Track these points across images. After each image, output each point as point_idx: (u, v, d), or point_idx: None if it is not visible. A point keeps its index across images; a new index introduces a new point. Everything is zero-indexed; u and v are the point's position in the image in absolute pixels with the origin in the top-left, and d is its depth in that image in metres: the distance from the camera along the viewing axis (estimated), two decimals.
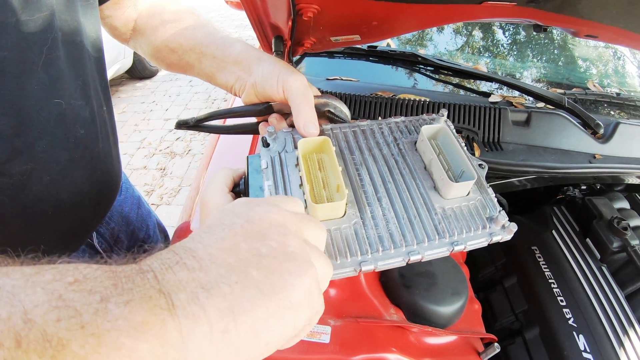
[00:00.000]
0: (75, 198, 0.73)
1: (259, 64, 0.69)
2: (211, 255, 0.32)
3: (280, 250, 0.34)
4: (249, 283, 0.31)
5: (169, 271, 0.30)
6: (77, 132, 0.70)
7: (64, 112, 0.66)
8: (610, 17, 0.78)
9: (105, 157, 0.80)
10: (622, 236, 1.06)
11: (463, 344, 0.90)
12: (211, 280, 0.30)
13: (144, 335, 0.26)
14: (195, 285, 0.30)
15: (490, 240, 0.54)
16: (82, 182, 0.73)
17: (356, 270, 0.49)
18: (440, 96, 1.32)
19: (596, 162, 1.18)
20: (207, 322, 0.28)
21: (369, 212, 0.54)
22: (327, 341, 0.76)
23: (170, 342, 0.27)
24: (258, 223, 0.36)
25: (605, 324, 0.96)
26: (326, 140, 0.58)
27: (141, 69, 5.24)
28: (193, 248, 0.33)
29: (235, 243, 0.34)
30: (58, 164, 0.67)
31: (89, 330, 0.24)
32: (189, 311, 0.28)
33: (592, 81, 1.60)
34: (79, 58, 0.70)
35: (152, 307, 0.27)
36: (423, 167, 0.61)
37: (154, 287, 0.28)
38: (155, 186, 3.39)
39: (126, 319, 0.25)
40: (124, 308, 0.26)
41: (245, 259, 0.33)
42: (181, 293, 0.29)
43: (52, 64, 0.62)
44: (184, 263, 0.31)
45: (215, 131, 0.79)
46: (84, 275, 0.27)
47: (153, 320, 0.26)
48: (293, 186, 0.55)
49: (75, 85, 0.69)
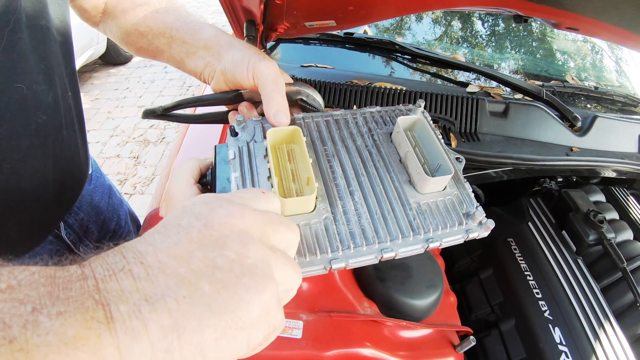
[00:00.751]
0: (38, 187, 0.69)
1: (229, 50, 0.66)
2: (160, 263, 0.29)
3: (238, 262, 0.31)
4: (199, 299, 0.28)
5: (112, 278, 0.27)
6: (39, 118, 0.66)
7: (25, 97, 0.62)
8: (592, 9, 0.77)
9: (69, 144, 0.77)
10: (598, 229, 1.07)
11: (438, 337, 0.89)
12: (157, 293, 0.27)
13: (75, 351, 0.23)
14: (139, 296, 0.27)
15: (466, 237, 0.52)
16: (44, 170, 0.70)
17: (326, 268, 0.46)
18: (417, 85, 1.30)
19: (573, 154, 1.19)
20: (147, 340, 0.26)
21: (341, 207, 0.52)
22: (299, 336, 0.74)
23: (106, 358, 0.24)
24: (217, 229, 0.33)
25: (580, 316, 0.96)
26: (297, 130, 0.55)
27: (115, 55, 5.09)
28: (143, 252, 0.30)
29: (189, 251, 0.31)
30: (18, 152, 0.64)
31: (17, 345, 0.22)
32: (129, 326, 0.25)
33: (570, 74, 1.60)
34: (44, 41, 0.67)
35: (88, 320, 0.24)
36: (398, 159, 0.58)
37: (93, 296, 0.26)
38: (129, 175, 3.31)
39: (57, 333, 0.23)
40: (56, 320, 0.23)
41: (198, 270, 0.30)
42: (122, 305, 0.26)
43: (13, 47, 0.59)
44: (129, 270, 0.28)
45: (183, 120, 0.76)
46: (18, 281, 0.25)
47: (87, 335, 0.24)
48: (261, 178, 0.52)
49: (38, 70, 0.65)
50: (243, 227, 0.34)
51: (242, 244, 0.32)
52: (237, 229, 0.33)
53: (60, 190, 0.77)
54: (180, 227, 0.33)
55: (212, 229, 0.33)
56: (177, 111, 0.71)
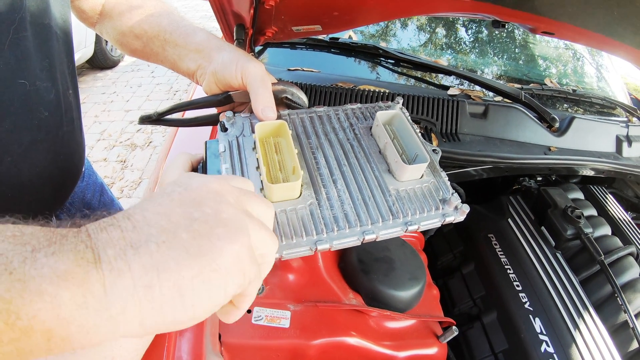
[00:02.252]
0: (37, 181, 0.71)
1: (219, 52, 0.70)
2: (145, 218, 0.33)
3: (213, 216, 0.35)
4: (177, 244, 0.32)
5: (103, 231, 0.31)
6: (41, 114, 0.68)
7: (29, 93, 0.65)
8: (566, 14, 0.81)
9: (69, 141, 0.79)
10: (576, 224, 1.11)
11: (422, 328, 0.92)
12: (141, 239, 0.31)
13: (65, 282, 0.27)
14: (125, 243, 0.31)
15: (443, 221, 0.56)
16: (44, 165, 0.72)
17: (312, 249, 0.49)
18: (400, 88, 1.34)
19: (551, 153, 1.23)
20: (130, 277, 0.30)
21: (325, 194, 0.55)
22: (287, 326, 0.77)
23: (92, 292, 0.28)
24: (196, 190, 0.37)
25: (560, 307, 1.00)
26: (283, 124, 0.58)
27: (102, 59, 5.05)
28: (131, 212, 0.34)
29: (171, 208, 0.35)
30: (20, 146, 0.66)
31: (16, 276, 0.26)
32: (114, 266, 0.29)
33: (549, 78, 1.65)
34: (47, 39, 0.69)
35: (79, 259, 0.28)
36: (378, 151, 0.62)
37: (84, 242, 0.30)
38: (116, 179, 3.29)
39: (51, 267, 0.27)
40: (51, 258, 0.27)
41: (177, 222, 0.34)
42: (109, 249, 0.30)
43: (18, 44, 0.61)
44: (118, 225, 0.32)
45: (177, 124, 0.80)
46: (22, 232, 0.29)
47: (77, 271, 0.28)
48: (250, 169, 0.56)
49: (41, 67, 0.67)
50: (219, 189, 0.38)
51: (217, 202, 0.36)
52: (213, 190, 0.37)
53: (58, 185, 0.79)
54: (164, 192, 0.37)
55: (191, 190, 0.37)
56: (170, 115, 0.74)
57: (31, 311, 0.26)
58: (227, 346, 0.72)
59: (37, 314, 0.26)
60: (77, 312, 0.27)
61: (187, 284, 0.31)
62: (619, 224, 1.25)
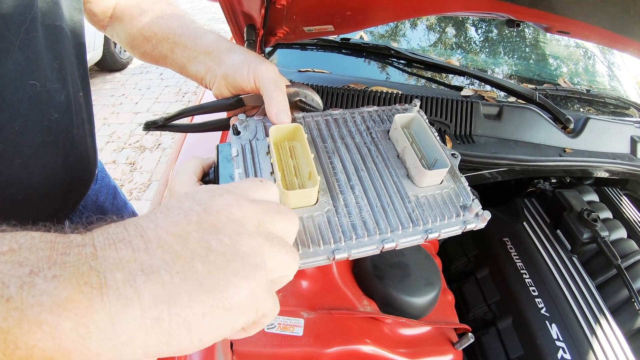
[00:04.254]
0: (47, 184, 0.71)
1: (230, 55, 0.68)
2: (160, 239, 0.31)
3: (231, 248, 0.33)
4: (191, 276, 0.30)
5: (112, 247, 0.29)
6: (51, 116, 0.68)
7: (39, 94, 0.64)
8: (583, 13, 0.79)
9: (79, 143, 0.78)
10: (592, 227, 1.09)
11: (437, 335, 0.90)
12: (153, 265, 0.29)
13: (67, 312, 0.25)
14: (136, 266, 0.29)
15: (464, 228, 0.54)
16: (54, 167, 0.71)
17: (329, 258, 0.48)
18: (412, 89, 1.32)
19: (566, 155, 1.21)
20: (139, 307, 0.27)
21: (342, 200, 0.53)
22: (300, 334, 0.75)
23: (96, 321, 0.26)
24: (215, 215, 0.34)
25: (577, 312, 0.97)
26: (298, 128, 0.56)
27: (111, 62, 5.07)
28: (144, 227, 0.32)
29: (188, 231, 0.32)
30: (30, 148, 0.65)
31: (13, 304, 0.24)
32: (122, 293, 0.27)
33: (562, 78, 1.63)
34: (58, 40, 0.68)
35: (81, 285, 0.26)
36: (396, 155, 0.60)
37: (89, 262, 0.27)
38: (125, 181, 3.30)
39: (51, 294, 0.25)
40: (51, 283, 0.25)
41: (193, 250, 0.31)
42: (118, 272, 0.28)
43: (29, 45, 0.60)
44: (129, 241, 0.30)
45: (185, 130, 0.77)
46: (19, 245, 0.27)
47: (79, 299, 0.25)
48: (264, 174, 0.54)
49: (52, 68, 0.67)
50: (240, 216, 0.35)
51: (236, 233, 0.34)
52: (234, 218, 0.35)
53: (69, 188, 0.78)
54: (181, 209, 0.34)
55: (210, 214, 0.34)
56: (178, 121, 0.72)
57: (30, 341, 0.24)
58: (239, 355, 0.70)
59: (36, 343, 0.24)
60: (79, 342, 0.25)
61: (197, 321, 0.29)
62: (635, 227, 1.23)
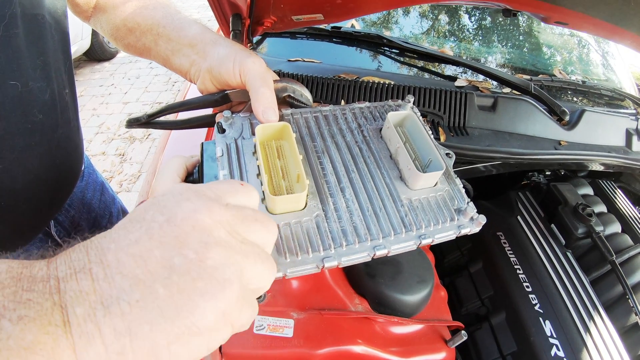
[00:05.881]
0: (31, 187, 0.68)
1: (215, 47, 0.65)
2: (119, 263, 0.29)
3: (197, 263, 0.30)
4: (152, 303, 0.28)
5: (73, 278, 0.28)
6: (35, 117, 0.65)
7: (20, 94, 0.61)
8: (583, 5, 0.78)
9: (65, 143, 0.75)
10: (587, 222, 1.08)
11: (430, 332, 0.89)
12: (112, 295, 0.28)
13: (34, 355, 0.25)
14: (95, 299, 0.27)
15: (458, 233, 0.52)
16: (38, 170, 0.69)
17: (319, 267, 0.45)
18: (405, 79, 1.29)
19: (562, 148, 1.19)
20: (102, 343, 0.27)
21: (332, 204, 0.51)
22: (290, 335, 0.73)
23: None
24: (179, 224, 0.32)
25: (571, 309, 0.97)
26: (286, 127, 0.54)
27: (100, 51, 4.99)
28: (105, 249, 0.30)
29: (149, 249, 0.30)
30: (12, 152, 0.62)
31: None
32: (84, 329, 0.26)
33: (558, 68, 1.61)
34: (40, 36, 0.65)
35: (45, 325, 0.26)
36: (389, 155, 0.58)
37: (53, 298, 0.27)
38: (115, 172, 3.26)
39: (17, 337, 0.25)
40: (17, 325, 0.25)
41: (154, 272, 0.29)
42: (79, 307, 0.27)
43: (9, 42, 0.57)
44: (89, 269, 0.29)
45: (168, 127, 0.74)
46: None
47: (45, 340, 0.25)
48: (250, 175, 0.52)
49: (34, 66, 0.63)
50: (208, 223, 0.32)
51: (203, 243, 0.31)
52: (200, 226, 0.32)
53: (54, 189, 0.76)
54: (144, 221, 0.32)
55: (174, 224, 0.32)
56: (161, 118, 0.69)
57: None
58: (228, 357, 0.68)
59: None
60: None
61: (163, 351, 0.28)
62: (629, 221, 1.22)
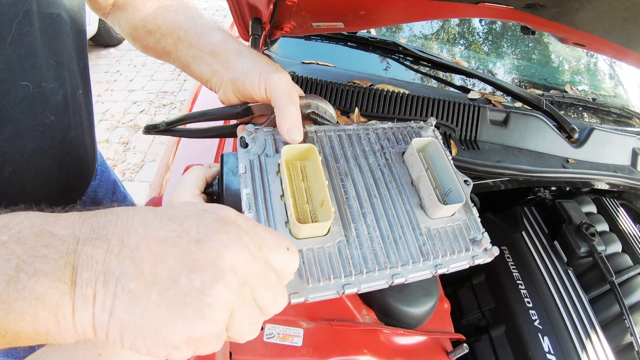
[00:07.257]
0: (41, 190, 0.67)
1: (239, 58, 0.63)
2: (136, 249, 0.32)
3: (197, 291, 0.31)
4: (141, 300, 0.31)
5: (91, 243, 0.31)
6: (46, 119, 0.63)
7: (32, 95, 0.59)
8: (603, 29, 0.78)
9: (77, 145, 0.74)
10: (590, 242, 1.09)
11: (432, 344, 0.91)
12: (115, 273, 0.31)
13: (43, 305, 0.29)
14: (100, 269, 0.31)
15: (472, 263, 0.53)
16: (49, 173, 0.67)
17: (339, 292, 0.47)
18: (419, 89, 1.28)
19: (569, 166, 1.20)
20: (92, 310, 0.30)
21: (354, 230, 0.52)
22: (299, 344, 0.75)
23: (64, 315, 0.30)
24: (205, 251, 0.33)
25: (569, 327, 0.98)
26: (312, 149, 0.54)
27: (106, 37, 4.89)
28: (132, 230, 0.33)
29: (166, 255, 0.32)
30: (22, 155, 0.61)
31: (2, 298, 0.28)
32: (84, 292, 0.30)
33: (570, 85, 1.61)
34: (56, 34, 0.63)
35: (56, 280, 0.30)
36: (410, 181, 0.59)
37: (67, 257, 0.31)
38: (118, 161, 3.23)
39: (31, 289, 0.29)
40: (32, 278, 0.29)
41: (159, 276, 0.31)
42: (85, 272, 0.30)
43: (22, 41, 0.55)
44: (108, 240, 0.32)
45: (188, 135, 0.73)
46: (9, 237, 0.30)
47: (52, 294, 0.29)
48: (274, 197, 0.52)
49: (47, 65, 0.61)
50: (229, 265, 0.33)
51: (213, 280, 0.32)
52: (220, 264, 0.33)
53: (65, 191, 0.75)
54: (180, 228, 0.34)
55: (200, 248, 0.33)
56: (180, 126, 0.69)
57: (16, 328, 0.29)
58: None
59: (21, 329, 0.29)
60: (52, 327, 0.30)
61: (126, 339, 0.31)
62: (630, 240, 1.23)
